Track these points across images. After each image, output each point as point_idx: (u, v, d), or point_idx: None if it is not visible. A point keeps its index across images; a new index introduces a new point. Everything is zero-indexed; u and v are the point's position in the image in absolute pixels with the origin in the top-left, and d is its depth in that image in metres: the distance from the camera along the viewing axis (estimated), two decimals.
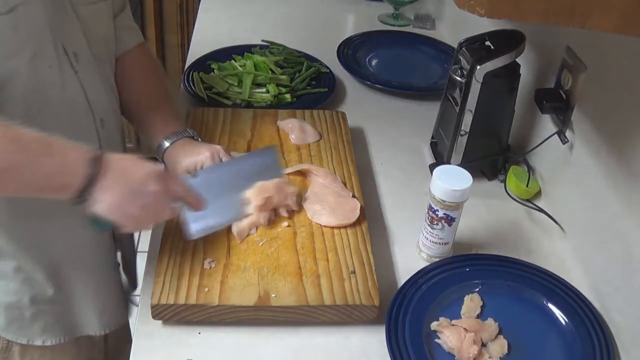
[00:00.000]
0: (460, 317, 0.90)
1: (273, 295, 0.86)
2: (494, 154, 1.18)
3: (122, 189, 0.77)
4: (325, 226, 0.98)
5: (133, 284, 1.18)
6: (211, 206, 0.89)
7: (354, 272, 0.90)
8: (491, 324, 0.89)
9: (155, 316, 0.85)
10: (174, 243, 0.93)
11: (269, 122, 1.21)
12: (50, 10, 0.85)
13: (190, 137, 1.05)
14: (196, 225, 0.91)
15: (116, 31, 1.03)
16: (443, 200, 0.93)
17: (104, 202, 0.76)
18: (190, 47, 1.58)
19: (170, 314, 0.85)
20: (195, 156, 1.01)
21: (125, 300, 1.14)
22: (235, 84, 1.37)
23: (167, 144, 1.03)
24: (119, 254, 1.11)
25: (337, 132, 1.21)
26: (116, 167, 0.77)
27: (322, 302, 0.86)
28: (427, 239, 0.98)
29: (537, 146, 1.14)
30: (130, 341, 0.86)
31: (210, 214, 0.90)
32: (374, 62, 1.57)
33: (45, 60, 0.86)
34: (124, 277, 1.14)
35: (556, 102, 1.08)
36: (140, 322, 0.87)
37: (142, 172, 0.79)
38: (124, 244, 1.12)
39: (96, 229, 0.80)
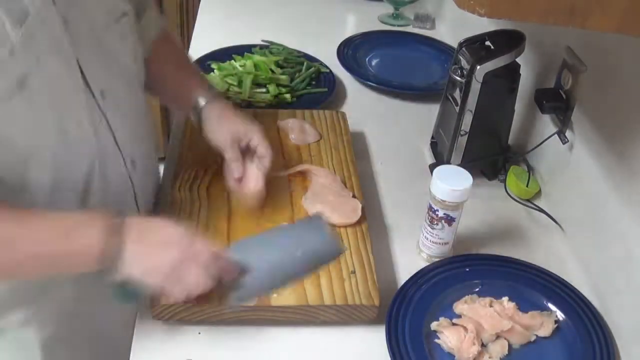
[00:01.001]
0: (461, 317, 0.90)
1: (273, 295, 0.86)
2: (494, 154, 1.18)
3: (152, 250, 0.77)
4: None
5: None
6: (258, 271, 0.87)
7: (354, 272, 0.90)
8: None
9: (155, 316, 0.85)
10: None
11: (269, 122, 1.21)
12: (65, 63, 0.76)
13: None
14: (241, 292, 0.86)
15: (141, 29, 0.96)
16: (443, 200, 0.93)
17: (137, 267, 0.75)
18: (190, 47, 1.58)
19: (171, 314, 0.85)
20: (243, 125, 0.95)
21: None
22: (235, 84, 1.37)
23: (202, 102, 0.96)
24: None
25: (337, 132, 1.20)
26: (141, 230, 0.76)
27: (322, 302, 0.86)
28: (427, 239, 0.98)
29: (537, 146, 1.14)
30: None
31: (257, 278, 0.87)
32: (374, 62, 1.57)
33: (72, 118, 0.79)
34: None
35: (556, 102, 1.07)
36: (140, 321, 0.87)
37: (171, 231, 0.79)
38: None
39: (122, 300, 0.79)
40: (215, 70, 1.42)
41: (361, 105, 1.41)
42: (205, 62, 1.45)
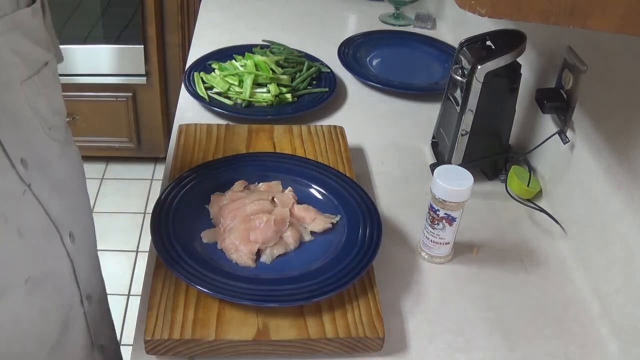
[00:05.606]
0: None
1: (272, 329, 0.83)
2: (495, 153, 1.18)
3: None
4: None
5: None
6: None
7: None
8: None
9: (149, 351, 0.81)
10: (167, 275, 0.88)
11: (265, 137, 1.17)
12: None
13: None
14: None
15: None
16: (444, 200, 0.93)
17: None
18: (190, 47, 1.59)
19: (165, 349, 0.80)
20: None
21: None
22: (236, 83, 1.37)
23: None
24: None
25: (336, 148, 1.16)
26: None
27: (324, 334, 0.82)
28: (427, 239, 0.98)
29: (538, 146, 1.14)
30: None
31: None
32: (374, 62, 1.57)
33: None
34: None
35: (557, 102, 1.07)
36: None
37: None
38: None
39: None
40: (215, 70, 1.42)
41: (362, 105, 1.41)
42: (206, 61, 1.45)
